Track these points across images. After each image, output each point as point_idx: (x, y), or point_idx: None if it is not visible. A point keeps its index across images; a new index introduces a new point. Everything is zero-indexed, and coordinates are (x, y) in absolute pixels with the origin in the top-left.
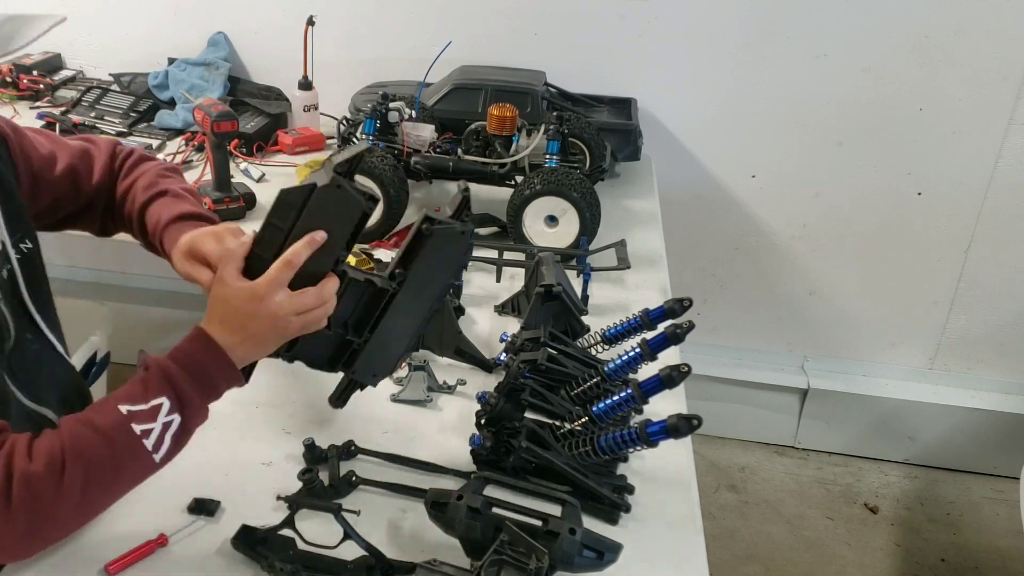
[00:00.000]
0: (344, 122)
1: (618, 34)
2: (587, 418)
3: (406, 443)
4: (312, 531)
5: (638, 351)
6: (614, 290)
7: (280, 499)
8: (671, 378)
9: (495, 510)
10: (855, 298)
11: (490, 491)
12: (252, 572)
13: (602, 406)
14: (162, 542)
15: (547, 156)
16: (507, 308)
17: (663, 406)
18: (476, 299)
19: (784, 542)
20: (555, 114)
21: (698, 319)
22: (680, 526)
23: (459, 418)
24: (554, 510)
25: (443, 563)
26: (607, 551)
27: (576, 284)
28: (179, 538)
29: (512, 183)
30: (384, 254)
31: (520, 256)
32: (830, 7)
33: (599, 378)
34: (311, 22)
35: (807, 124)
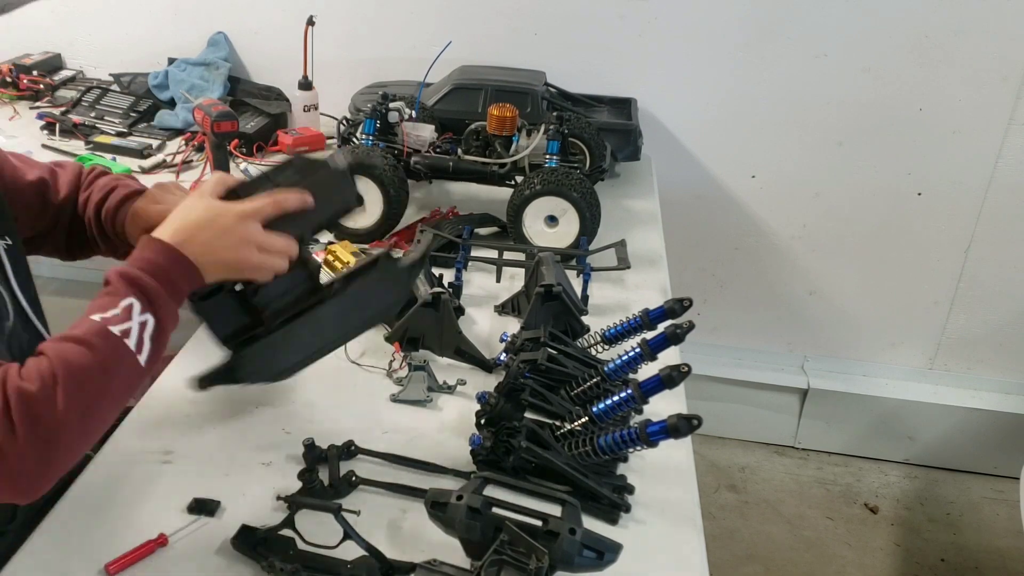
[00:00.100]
0: (344, 122)
1: (618, 34)
2: (587, 418)
3: (406, 443)
4: (312, 531)
5: (638, 351)
6: (614, 290)
7: (280, 499)
8: (671, 378)
9: (495, 510)
10: (855, 298)
11: (490, 491)
12: (252, 572)
13: (602, 406)
14: (162, 542)
15: (547, 156)
16: (507, 308)
17: (663, 406)
18: (476, 299)
19: (784, 542)
20: (555, 114)
21: (698, 319)
22: (680, 526)
23: (459, 418)
24: (554, 510)
25: (443, 563)
26: (607, 551)
27: (576, 284)
28: (179, 538)
29: (512, 183)
30: None
31: (520, 256)
32: (830, 7)
33: (599, 378)
34: (311, 22)
35: (807, 124)
